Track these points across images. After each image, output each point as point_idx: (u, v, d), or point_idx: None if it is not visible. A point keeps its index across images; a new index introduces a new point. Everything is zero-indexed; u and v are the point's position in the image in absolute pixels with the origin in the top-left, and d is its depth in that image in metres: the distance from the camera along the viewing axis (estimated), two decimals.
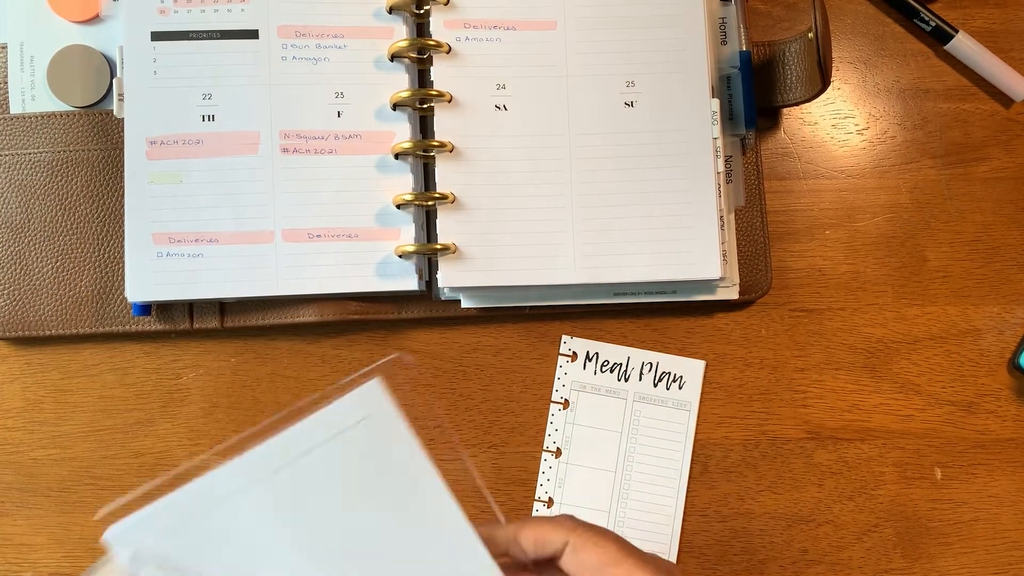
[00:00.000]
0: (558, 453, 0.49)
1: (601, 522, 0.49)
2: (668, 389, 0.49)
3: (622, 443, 0.49)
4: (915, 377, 0.50)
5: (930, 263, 0.51)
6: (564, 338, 0.50)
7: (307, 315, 0.49)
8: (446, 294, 0.49)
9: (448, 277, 0.47)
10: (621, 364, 0.50)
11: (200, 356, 0.51)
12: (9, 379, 0.51)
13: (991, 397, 0.50)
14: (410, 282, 0.48)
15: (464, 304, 0.49)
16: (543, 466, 0.49)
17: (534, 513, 0.49)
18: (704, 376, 0.50)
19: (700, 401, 0.50)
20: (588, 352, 0.50)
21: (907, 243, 0.51)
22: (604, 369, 0.50)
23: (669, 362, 0.50)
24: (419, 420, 0.35)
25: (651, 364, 0.50)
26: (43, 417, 0.50)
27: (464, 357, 0.51)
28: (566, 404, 0.50)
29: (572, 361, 0.50)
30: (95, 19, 0.51)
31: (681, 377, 0.50)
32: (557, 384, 0.50)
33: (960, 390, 0.50)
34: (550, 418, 0.50)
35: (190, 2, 0.49)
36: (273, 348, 0.51)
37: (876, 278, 0.51)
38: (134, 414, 0.50)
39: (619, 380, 0.49)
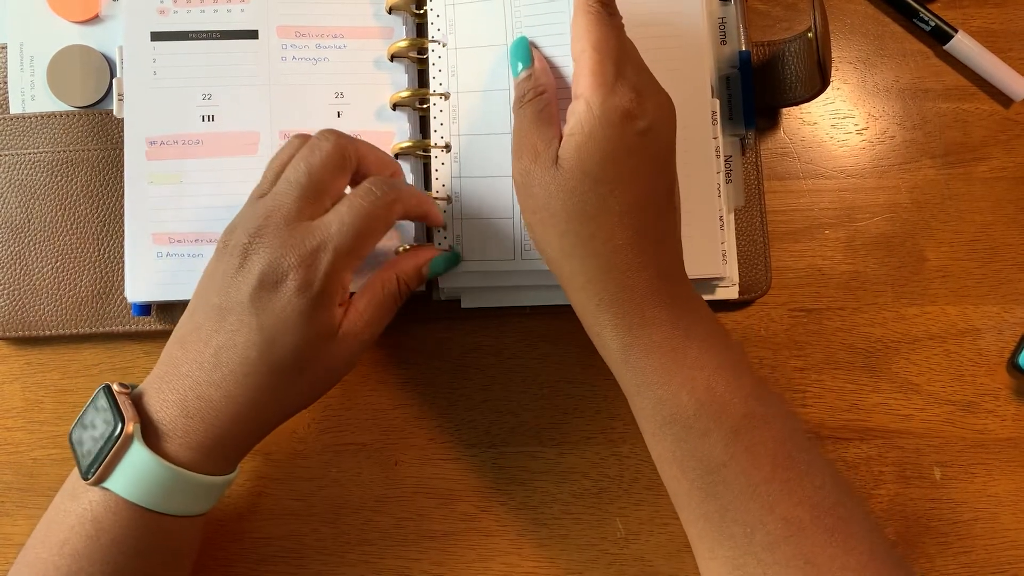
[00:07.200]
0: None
1: None
2: None
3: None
4: (914, 377, 0.50)
5: (929, 263, 0.51)
6: None
7: None
8: (446, 294, 0.49)
9: (448, 277, 0.47)
10: None
11: None
12: (9, 379, 0.51)
13: (990, 397, 0.50)
14: None
15: (464, 304, 0.49)
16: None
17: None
18: None
19: None
20: None
21: (907, 243, 0.51)
22: None
23: None
24: None
25: None
26: (43, 417, 0.50)
27: (464, 357, 0.51)
28: None
29: None
30: (95, 19, 0.51)
31: None
32: None
33: (959, 390, 0.50)
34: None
35: (190, 2, 0.49)
36: None
37: (876, 278, 0.51)
38: None
39: None
